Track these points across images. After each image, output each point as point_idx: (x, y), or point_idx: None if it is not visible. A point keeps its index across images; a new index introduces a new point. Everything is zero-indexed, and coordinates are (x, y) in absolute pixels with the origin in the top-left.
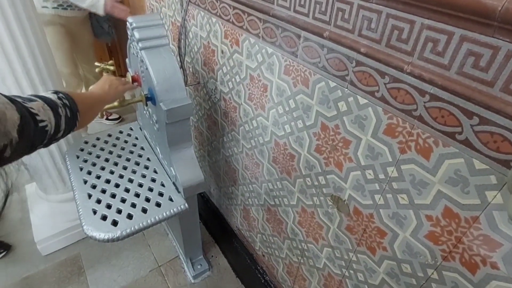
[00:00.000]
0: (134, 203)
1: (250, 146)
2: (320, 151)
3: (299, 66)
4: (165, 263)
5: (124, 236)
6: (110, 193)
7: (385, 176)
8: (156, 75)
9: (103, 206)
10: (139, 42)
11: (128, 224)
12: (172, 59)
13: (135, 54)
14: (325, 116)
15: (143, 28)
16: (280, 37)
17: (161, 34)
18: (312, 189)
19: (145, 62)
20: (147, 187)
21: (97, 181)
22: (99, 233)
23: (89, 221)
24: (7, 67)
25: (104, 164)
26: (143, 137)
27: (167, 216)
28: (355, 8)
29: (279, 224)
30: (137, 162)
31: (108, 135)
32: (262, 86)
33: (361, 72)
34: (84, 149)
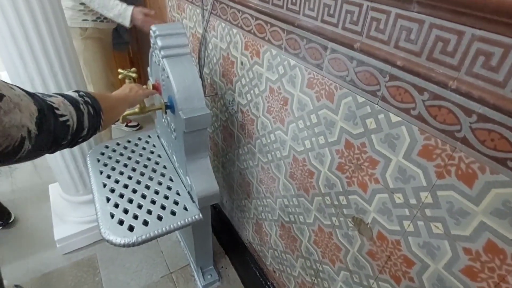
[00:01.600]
0: (150, 210)
1: (266, 160)
2: (342, 170)
3: (323, 80)
4: (177, 270)
5: (139, 242)
6: (127, 198)
7: (417, 201)
8: (176, 83)
9: (121, 211)
10: (161, 50)
11: (143, 230)
12: (193, 68)
13: (157, 62)
14: (350, 133)
15: (166, 36)
16: (304, 48)
17: (183, 43)
18: (332, 208)
19: (166, 70)
20: (163, 195)
21: (115, 185)
22: (115, 237)
23: (107, 224)
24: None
25: (122, 169)
26: (161, 145)
27: (181, 225)
28: (392, 17)
29: (293, 241)
30: (154, 169)
31: (127, 141)
32: (282, 99)
33: (396, 87)
34: (105, 153)
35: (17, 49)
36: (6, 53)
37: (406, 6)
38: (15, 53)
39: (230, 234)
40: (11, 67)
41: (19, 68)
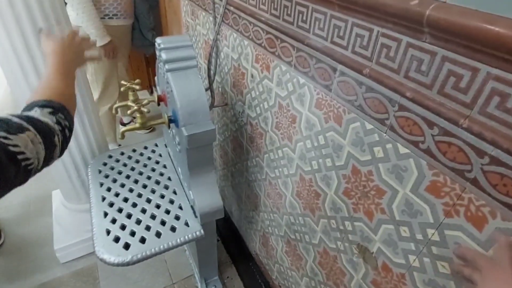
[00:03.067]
0: (149, 226)
1: (274, 175)
2: (348, 195)
3: (332, 102)
4: (180, 280)
5: (134, 261)
6: (126, 213)
7: (424, 237)
8: (180, 98)
9: (117, 227)
10: (165, 63)
11: (140, 248)
12: (199, 82)
13: (162, 74)
14: (358, 159)
15: (171, 50)
16: (313, 68)
17: (189, 56)
18: (337, 232)
19: (170, 84)
20: (164, 209)
21: (115, 199)
22: (109, 256)
23: (101, 242)
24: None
25: (124, 181)
26: (167, 154)
27: (180, 243)
28: (403, 46)
29: (298, 259)
30: (158, 181)
31: (132, 150)
32: (291, 117)
33: (404, 118)
34: (107, 163)
35: (18, 60)
36: (7, 64)
37: (418, 35)
38: (16, 64)
39: (237, 243)
40: (12, 79)
41: (21, 81)
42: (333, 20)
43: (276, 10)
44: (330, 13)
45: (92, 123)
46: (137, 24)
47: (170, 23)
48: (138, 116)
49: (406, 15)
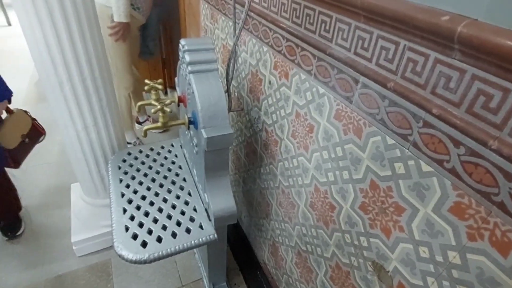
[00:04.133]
0: (165, 226)
1: (287, 184)
2: (365, 210)
3: (352, 113)
4: (189, 283)
5: (151, 260)
6: (144, 211)
7: (444, 259)
8: (201, 100)
9: (136, 224)
10: (189, 65)
11: (156, 248)
12: (219, 85)
13: (184, 76)
14: (377, 174)
15: (194, 52)
16: (334, 78)
17: (211, 59)
18: (351, 247)
19: (192, 85)
20: (180, 210)
21: (133, 196)
22: (128, 253)
23: (120, 238)
24: (65, 74)
25: (142, 179)
26: (183, 155)
27: (195, 245)
28: (431, 61)
29: (308, 272)
30: (173, 181)
31: (150, 149)
32: (308, 126)
33: (429, 135)
34: (126, 160)
35: (49, 54)
36: (39, 57)
37: (447, 52)
38: (47, 58)
39: (246, 251)
40: (42, 71)
41: (50, 73)
42: (358, 31)
43: (298, 18)
44: (355, 24)
45: (114, 119)
46: (143, 31)
47: (189, 26)
48: (160, 115)
49: (436, 30)
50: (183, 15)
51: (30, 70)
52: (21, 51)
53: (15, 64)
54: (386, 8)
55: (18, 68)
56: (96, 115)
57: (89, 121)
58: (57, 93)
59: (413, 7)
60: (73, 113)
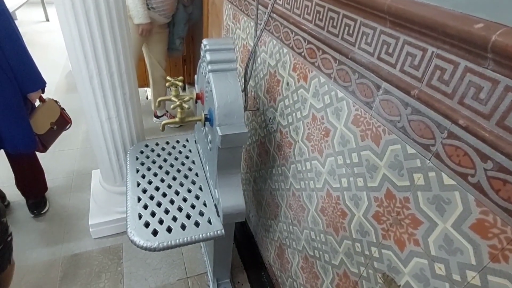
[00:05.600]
0: (176, 217)
1: (298, 187)
2: (379, 220)
3: (371, 120)
4: (193, 276)
5: (160, 248)
6: (156, 201)
7: (462, 279)
8: (218, 98)
9: (148, 213)
10: (209, 64)
11: (166, 237)
12: (237, 85)
13: (203, 74)
14: (394, 183)
15: (215, 52)
16: (355, 83)
17: (231, 59)
18: (361, 257)
19: (210, 84)
20: (190, 203)
21: (148, 186)
22: (139, 239)
23: (133, 224)
24: (95, 69)
25: (157, 170)
26: (196, 151)
27: (203, 238)
28: (461, 70)
29: (314, 278)
30: (186, 175)
31: (166, 142)
32: (324, 130)
33: (454, 147)
34: (144, 152)
35: (83, 49)
36: (74, 52)
37: (479, 61)
38: (81, 53)
39: (251, 251)
40: (76, 64)
41: (82, 67)
42: (383, 36)
43: (321, 21)
44: (380, 29)
45: (135, 113)
46: (172, 29)
47: (211, 25)
48: (179, 111)
49: (468, 39)
50: (206, 14)
51: (62, 63)
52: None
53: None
54: (415, 13)
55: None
56: (120, 107)
57: (112, 113)
58: (87, 86)
59: (444, 13)
60: (99, 105)
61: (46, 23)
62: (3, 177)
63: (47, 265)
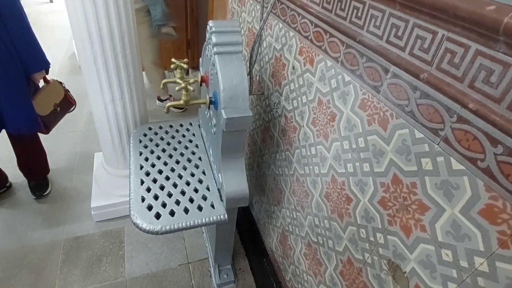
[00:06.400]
0: (179, 201)
1: (303, 172)
2: (385, 205)
3: (379, 104)
4: (195, 261)
5: (163, 231)
6: (159, 185)
7: (469, 265)
8: (223, 81)
9: (151, 196)
10: (214, 46)
11: (169, 220)
12: (242, 68)
13: (208, 56)
14: (401, 168)
15: (221, 34)
16: (363, 66)
17: (237, 41)
18: (366, 243)
19: (216, 66)
20: (193, 188)
21: (151, 169)
22: (142, 222)
23: (137, 207)
24: (100, 49)
25: (160, 154)
26: (200, 135)
27: (205, 223)
28: (471, 53)
29: (317, 264)
30: (189, 159)
31: (169, 125)
32: (330, 114)
33: (463, 131)
34: (147, 134)
35: (88, 29)
36: (78, 32)
37: (491, 44)
38: (86, 33)
39: (253, 237)
40: (80, 45)
41: (87, 47)
42: (392, 19)
43: (328, 3)
44: (390, 11)
45: (139, 95)
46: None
47: (216, 9)
48: (184, 93)
49: (479, 21)
50: None
51: (65, 44)
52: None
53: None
54: None
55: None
56: (124, 89)
57: (116, 95)
58: (91, 67)
59: None
60: (103, 86)
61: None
62: (5, 158)
63: (49, 246)
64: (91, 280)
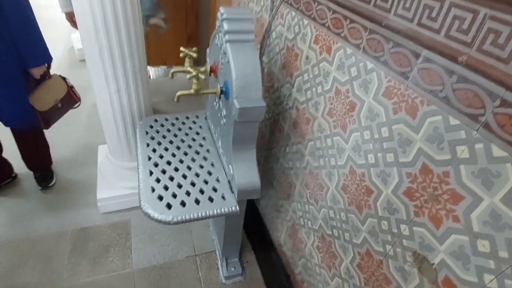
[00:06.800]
0: (189, 192)
1: (317, 164)
2: (411, 196)
3: (407, 91)
4: (202, 254)
5: (175, 222)
6: (169, 175)
7: (510, 256)
8: (236, 70)
9: (161, 187)
10: (226, 34)
11: (180, 211)
12: (255, 56)
13: (219, 45)
14: (431, 157)
15: (233, 21)
16: (388, 52)
17: (249, 29)
18: (388, 235)
19: (228, 55)
20: (203, 179)
21: (159, 160)
22: (153, 212)
23: (147, 197)
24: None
25: (168, 145)
26: (207, 127)
27: (217, 214)
28: None
29: (331, 257)
30: (197, 151)
31: (175, 118)
32: (349, 104)
33: (507, 116)
34: (153, 126)
35: (93, 17)
36: (83, 21)
37: None
38: (91, 22)
39: (260, 231)
40: (85, 33)
41: (92, 36)
42: (424, 0)
43: None
44: None
45: (144, 86)
46: None
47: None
48: (194, 82)
49: None
50: None
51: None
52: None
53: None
54: None
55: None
56: (129, 79)
57: (122, 85)
58: (96, 57)
59: None
60: (108, 76)
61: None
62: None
63: (56, 236)
64: (99, 270)
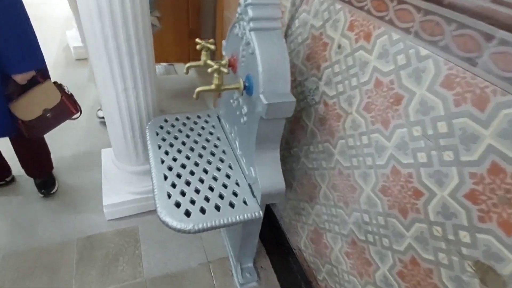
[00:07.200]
0: (208, 197)
1: (349, 164)
2: (474, 199)
3: (474, 80)
4: (214, 260)
5: (195, 230)
6: (185, 180)
7: None
8: (262, 61)
9: (178, 192)
10: (251, 21)
11: (200, 218)
12: (283, 46)
13: (240, 35)
14: (504, 155)
15: (258, 6)
16: (450, 35)
17: (276, 16)
18: (441, 242)
19: (252, 45)
20: (221, 183)
21: (173, 164)
22: (172, 220)
23: (163, 204)
24: (111, 30)
25: (181, 147)
26: (220, 127)
27: (239, 220)
28: None
29: (364, 264)
30: (213, 153)
31: (186, 117)
32: (393, 97)
33: None
34: (164, 127)
35: (99, 9)
36: (87, 11)
37: None
38: (96, 11)
39: (275, 235)
40: (89, 26)
41: (96, 28)
42: None
43: None
44: None
45: (152, 85)
46: None
47: None
48: (216, 76)
49: None
50: None
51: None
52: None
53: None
54: None
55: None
56: (137, 77)
57: (129, 84)
58: (101, 52)
59: None
60: (115, 74)
61: None
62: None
63: (61, 246)
64: (109, 280)
